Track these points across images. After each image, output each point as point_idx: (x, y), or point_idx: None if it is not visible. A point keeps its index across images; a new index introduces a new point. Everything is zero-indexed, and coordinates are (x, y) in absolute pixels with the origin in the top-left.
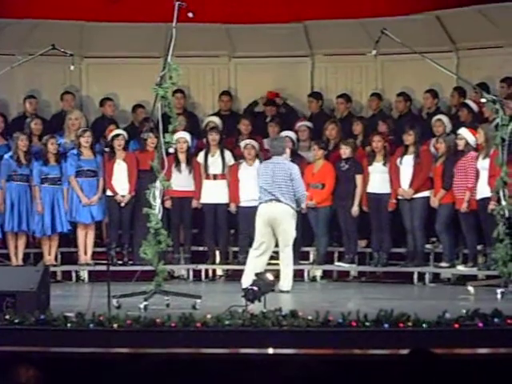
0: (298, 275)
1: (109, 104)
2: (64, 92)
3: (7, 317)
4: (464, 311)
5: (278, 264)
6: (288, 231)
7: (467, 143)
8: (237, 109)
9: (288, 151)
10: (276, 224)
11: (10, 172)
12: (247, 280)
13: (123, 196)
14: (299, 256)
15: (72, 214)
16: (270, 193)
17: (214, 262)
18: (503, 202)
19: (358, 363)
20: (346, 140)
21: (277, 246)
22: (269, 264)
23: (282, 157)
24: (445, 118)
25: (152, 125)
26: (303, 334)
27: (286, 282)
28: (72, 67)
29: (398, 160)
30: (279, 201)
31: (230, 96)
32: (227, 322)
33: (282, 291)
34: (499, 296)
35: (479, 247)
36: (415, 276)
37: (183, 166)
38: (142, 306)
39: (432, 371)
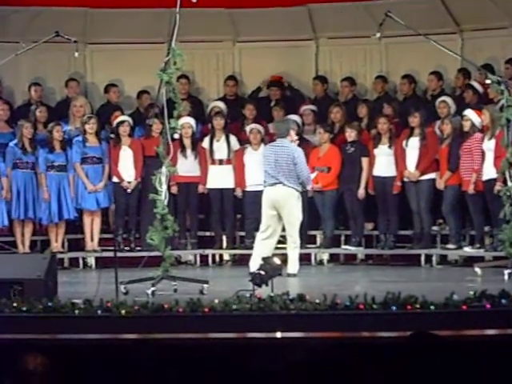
0: (304, 259)
1: (113, 90)
2: (69, 79)
3: (15, 304)
4: (471, 293)
5: (285, 248)
6: (293, 214)
7: (473, 124)
8: (242, 93)
9: (293, 133)
10: (280, 207)
11: (15, 160)
12: (255, 264)
13: (129, 182)
14: (306, 240)
15: (78, 201)
16: (273, 176)
17: (220, 247)
18: (509, 183)
19: (365, 346)
20: (351, 123)
21: (284, 229)
22: (276, 248)
23: (286, 139)
24: (449, 100)
25: (157, 111)
26: (311, 318)
27: (292, 265)
28: (76, 54)
29: (404, 142)
30: (283, 184)
31: (235, 81)
32: (235, 307)
33: (288, 275)
34: (506, 277)
35: (486, 228)
36: (422, 258)
37: (189, 151)
38: (149, 291)
39: (435, 353)
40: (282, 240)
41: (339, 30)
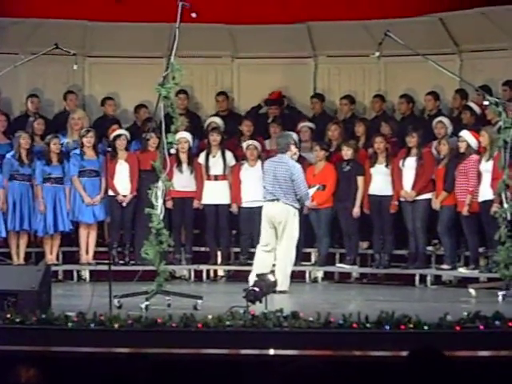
0: (299, 276)
1: (109, 103)
2: (67, 91)
3: (8, 316)
4: (465, 313)
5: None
6: (287, 231)
7: (468, 146)
8: (239, 109)
9: (293, 148)
10: (277, 223)
11: (12, 171)
12: (254, 276)
13: (125, 196)
14: (301, 257)
15: (74, 214)
16: (271, 193)
17: (215, 263)
18: (505, 205)
19: (358, 365)
20: (348, 141)
21: None
22: (274, 264)
23: (286, 154)
24: (446, 120)
25: (154, 125)
26: (304, 336)
27: (284, 281)
28: (75, 66)
29: (401, 162)
30: (280, 200)
31: (225, 96)
32: (228, 323)
33: (279, 291)
34: (500, 298)
35: (481, 250)
36: (417, 278)
37: (184, 166)
38: (143, 306)
39: (435, 372)
40: None
41: (338, 48)
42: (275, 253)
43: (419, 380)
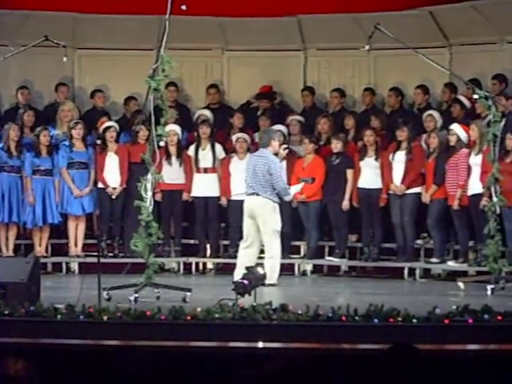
0: (288, 269)
1: (98, 96)
2: (59, 83)
3: None
4: (454, 307)
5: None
6: (267, 224)
7: (459, 139)
8: (229, 102)
9: (275, 144)
10: (256, 217)
11: (0, 163)
12: (239, 273)
13: (114, 188)
14: (290, 250)
15: (63, 206)
16: (251, 186)
17: (204, 255)
18: (495, 199)
19: (347, 358)
20: (337, 135)
21: None
22: (260, 257)
23: (267, 149)
24: (436, 114)
25: (144, 117)
26: (293, 328)
27: (271, 274)
28: (65, 59)
29: (391, 156)
30: (259, 194)
31: (216, 88)
32: (217, 316)
33: (268, 284)
34: (489, 292)
35: (470, 243)
36: (405, 271)
37: (174, 158)
38: (132, 298)
39: (415, 367)
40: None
41: (328, 42)
42: (257, 246)
43: (399, 376)
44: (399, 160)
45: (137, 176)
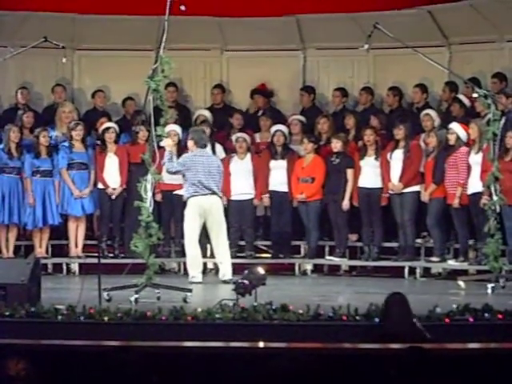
0: (288, 269)
1: (99, 95)
2: (55, 84)
3: None
4: (454, 306)
5: (266, 257)
6: (223, 223)
7: (458, 138)
8: (229, 102)
9: (189, 143)
10: (210, 216)
11: (1, 164)
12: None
13: (114, 189)
14: (290, 250)
15: (63, 207)
16: (206, 186)
17: (204, 256)
18: (494, 197)
19: (348, 357)
20: (337, 134)
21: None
22: (257, 257)
23: (205, 149)
24: (433, 113)
25: (143, 118)
26: (294, 328)
27: (228, 270)
28: (64, 60)
29: (389, 155)
30: (215, 193)
31: (221, 89)
32: (218, 316)
33: (225, 281)
34: (490, 291)
35: (470, 242)
36: (406, 270)
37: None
38: (132, 299)
39: (423, 367)
40: (265, 249)
41: (327, 41)
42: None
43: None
44: (397, 158)
45: (137, 176)
